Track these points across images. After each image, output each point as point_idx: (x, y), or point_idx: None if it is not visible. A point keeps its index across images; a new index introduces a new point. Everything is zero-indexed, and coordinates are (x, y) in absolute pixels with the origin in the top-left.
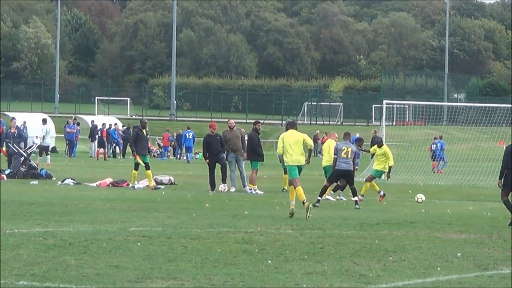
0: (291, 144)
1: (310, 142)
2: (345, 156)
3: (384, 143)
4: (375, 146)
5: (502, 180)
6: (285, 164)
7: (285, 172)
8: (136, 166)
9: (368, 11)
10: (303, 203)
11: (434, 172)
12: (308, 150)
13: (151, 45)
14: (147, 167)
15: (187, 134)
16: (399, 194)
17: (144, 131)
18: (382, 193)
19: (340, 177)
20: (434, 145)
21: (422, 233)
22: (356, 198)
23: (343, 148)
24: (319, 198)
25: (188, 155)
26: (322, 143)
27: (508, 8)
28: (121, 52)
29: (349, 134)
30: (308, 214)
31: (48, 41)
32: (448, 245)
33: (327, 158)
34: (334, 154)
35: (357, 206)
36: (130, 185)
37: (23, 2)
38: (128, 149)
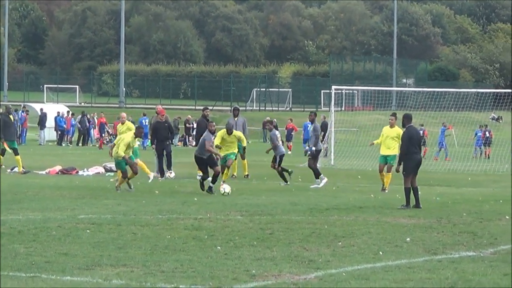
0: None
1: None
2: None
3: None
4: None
5: (402, 166)
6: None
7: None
8: (15, 151)
9: None
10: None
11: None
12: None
13: (100, 33)
14: (16, 152)
15: (143, 121)
16: (349, 179)
17: (11, 116)
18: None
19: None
20: (421, 131)
21: (371, 218)
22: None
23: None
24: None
25: (144, 141)
26: (286, 129)
27: None
28: (69, 40)
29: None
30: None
31: None
32: (397, 230)
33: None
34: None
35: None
36: (17, 170)
37: None
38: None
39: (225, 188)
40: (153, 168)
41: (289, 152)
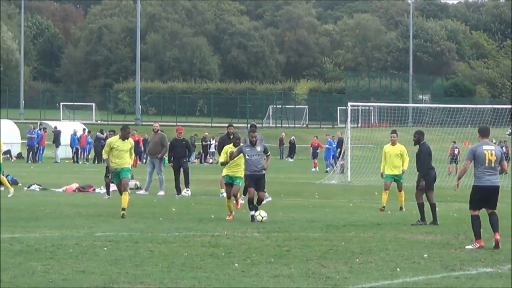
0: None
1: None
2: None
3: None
4: None
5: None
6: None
7: None
8: None
9: (332, 13)
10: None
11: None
12: None
13: (116, 50)
14: None
15: None
16: (365, 196)
17: None
18: None
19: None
20: (456, 149)
21: (389, 234)
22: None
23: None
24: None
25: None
26: (312, 146)
27: (472, 8)
28: (85, 57)
29: None
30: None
31: (13, 46)
32: (414, 246)
33: None
34: None
35: None
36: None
37: None
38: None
39: (262, 213)
40: (143, 184)
41: (317, 169)
